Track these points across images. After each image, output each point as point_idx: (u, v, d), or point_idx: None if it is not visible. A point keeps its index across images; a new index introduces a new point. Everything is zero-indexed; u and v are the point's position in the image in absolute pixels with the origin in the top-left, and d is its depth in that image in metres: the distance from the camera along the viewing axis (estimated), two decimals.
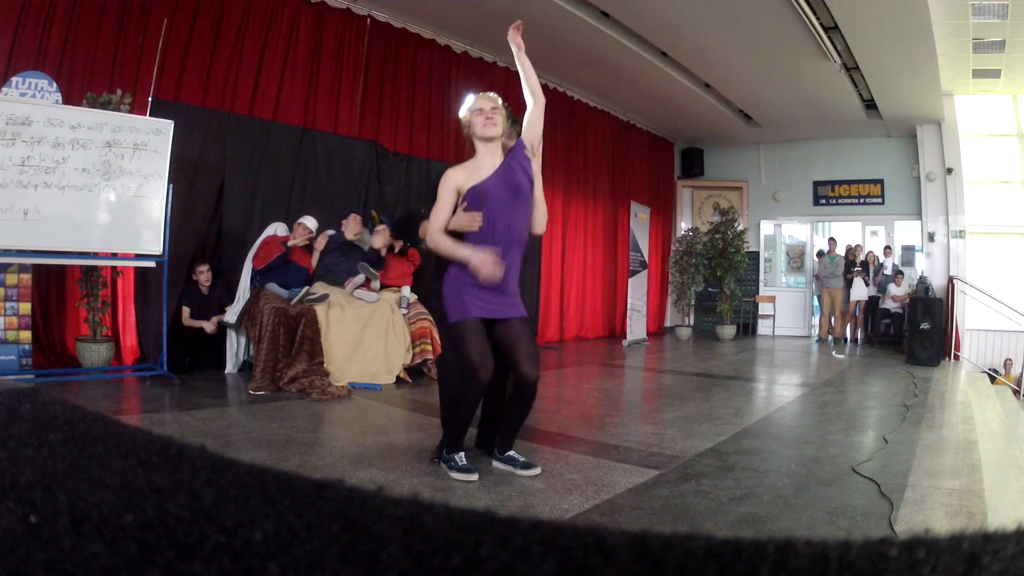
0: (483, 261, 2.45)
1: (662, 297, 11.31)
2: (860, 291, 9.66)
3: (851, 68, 7.92)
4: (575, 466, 2.85)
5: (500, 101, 2.65)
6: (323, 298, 4.68)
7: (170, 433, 0.32)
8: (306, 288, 4.73)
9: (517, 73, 2.69)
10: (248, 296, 4.88)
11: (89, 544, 0.23)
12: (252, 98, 5.78)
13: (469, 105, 2.68)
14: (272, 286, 4.68)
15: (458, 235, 2.57)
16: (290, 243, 4.89)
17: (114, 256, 4.67)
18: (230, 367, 4.97)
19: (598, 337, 9.55)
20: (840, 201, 10.97)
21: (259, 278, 4.82)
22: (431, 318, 5.20)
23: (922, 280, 8.78)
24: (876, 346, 9.21)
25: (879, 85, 8.35)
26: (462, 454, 2.65)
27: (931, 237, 9.73)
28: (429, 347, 5.11)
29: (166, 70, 5.22)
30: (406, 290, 5.31)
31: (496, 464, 2.74)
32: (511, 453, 2.73)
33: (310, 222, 5.07)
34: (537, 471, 2.68)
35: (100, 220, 4.32)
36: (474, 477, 2.58)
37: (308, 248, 5.11)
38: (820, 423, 3.95)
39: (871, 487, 2.61)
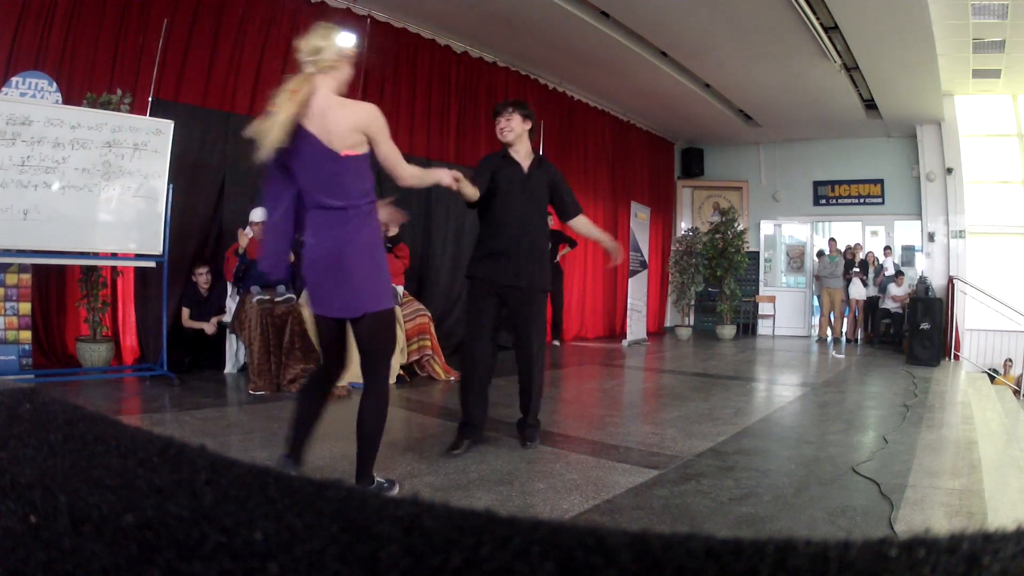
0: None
1: (662, 297, 11.31)
2: (858, 291, 9.67)
3: (851, 68, 7.92)
4: (575, 466, 2.85)
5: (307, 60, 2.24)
6: (288, 300, 4.63)
7: (170, 433, 0.31)
8: (279, 291, 4.69)
9: (517, 73, 2.69)
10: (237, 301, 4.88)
11: (89, 544, 0.23)
12: (252, 98, 5.78)
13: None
14: (254, 289, 4.66)
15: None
16: (238, 250, 4.85)
17: (114, 256, 4.66)
18: (230, 367, 4.97)
19: (598, 337, 9.55)
20: (840, 201, 10.97)
21: (241, 284, 4.81)
22: (428, 314, 5.19)
23: (922, 280, 8.78)
24: (876, 346, 9.21)
25: (879, 85, 8.35)
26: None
27: (931, 237, 9.73)
28: (428, 343, 5.10)
29: (166, 70, 5.21)
30: (398, 288, 5.29)
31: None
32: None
33: (257, 215, 4.83)
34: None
35: (100, 220, 4.32)
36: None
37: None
38: (820, 423, 3.95)
39: (871, 487, 2.61)
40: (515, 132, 3.01)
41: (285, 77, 2.19)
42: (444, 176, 2.55)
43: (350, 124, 2.12)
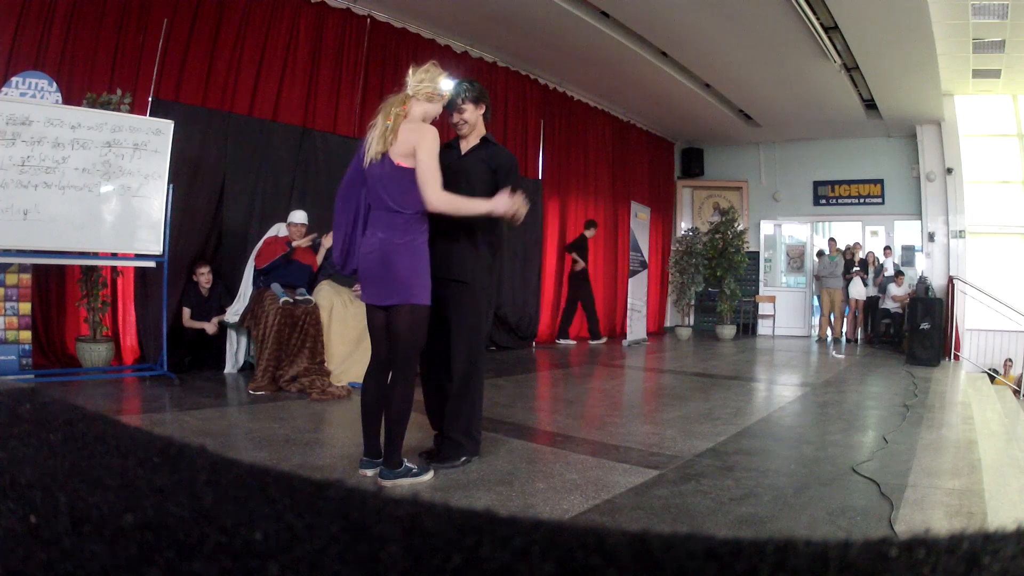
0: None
1: (662, 297, 11.31)
2: (858, 291, 9.67)
3: (851, 68, 7.92)
4: (575, 466, 2.85)
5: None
6: (307, 301, 4.66)
7: (170, 433, 0.32)
8: (299, 292, 4.71)
9: (517, 73, 2.73)
10: (250, 296, 4.87)
11: (89, 544, 0.23)
12: (252, 98, 5.78)
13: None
14: (275, 286, 4.67)
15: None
16: (294, 243, 4.86)
17: (114, 256, 4.67)
18: (230, 367, 4.97)
19: None
20: (840, 201, 10.97)
21: (262, 278, 4.81)
22: None
23: (922, 280, 8.78)
24: (876, 346, 9.20)
25: (879, 85, 8.35)
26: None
27: (931, 237, 9.73)
28: None
29: (166, 70, 5.22)
30: None
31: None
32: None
33: (299, 216, 4.98)
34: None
35: (100, 220, 4.32)
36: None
37: (313, 245, 5.09)
38: (820, 423, 3.95)
39: (871, 487, 2.61)
40: (470, 123, 2.78)
41: (388, 96, 2.57)
42: (493, 205, 2.51)
43: (409, 139, 2.44)
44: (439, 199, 2.44)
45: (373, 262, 2.47)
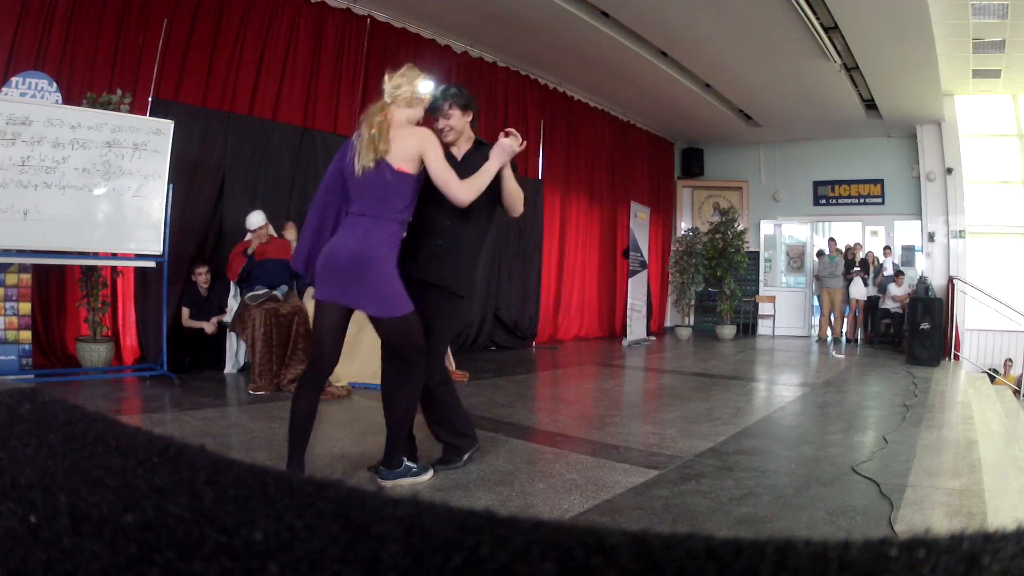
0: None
1: (662, 297, 11.31)
2: (859, 291, 9.66)
3: (851, 68, 7.92)
4: (575, 466, 2.85)
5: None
6: (274, 297, 4.60)
7: (170, 433, 0.31)
8: (265, 291, 4.67)
9: (517, 73, 2.67)
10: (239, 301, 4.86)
11: (89, 544, 0.23)
12: (252, 98, 5.78)
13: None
14: (258, 288, 4.65)
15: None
16: (248, 250, 4.80)
17: (114, 256, 4.67)
18: (230, 367, 4.97)
19: (598, 337, 9.55)
20: (840, 201, 10.98)
21: (244, 285, 4.79)
22: None
23: (922, 280, 8.77)
24: (876, 346, 9.20)
25: (879, 85, 8.35)
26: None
27: (931, 237, 9.73)
28: None
29: (166, 70, 5.22)
30: None
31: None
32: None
33: (255, 220, 4.86)
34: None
35: (100, 220, 4.32)
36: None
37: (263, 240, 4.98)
38: (820, 423, 3.95)
39: (871, 487, 2.61)
40: (456, 130, 2.69)
41: (369, 105, 2.53)
42: (497, 158, 2.51)
43: (410, 143, 2.40)
44: (463, 191, 2.41)
45: (343, 259, 2.31)
